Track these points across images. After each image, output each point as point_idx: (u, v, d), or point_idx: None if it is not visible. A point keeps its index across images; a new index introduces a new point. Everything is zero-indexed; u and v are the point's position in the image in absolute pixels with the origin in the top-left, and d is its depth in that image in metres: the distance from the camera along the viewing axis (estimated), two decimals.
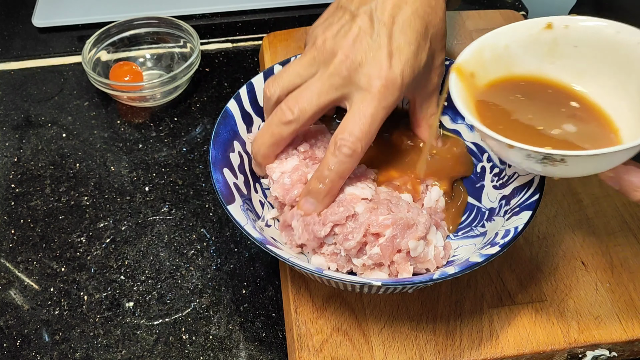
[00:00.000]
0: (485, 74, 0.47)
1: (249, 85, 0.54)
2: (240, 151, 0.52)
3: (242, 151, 0.53)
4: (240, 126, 0.53)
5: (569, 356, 0.48)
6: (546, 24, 0.47)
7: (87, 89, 0.74)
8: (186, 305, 0.55)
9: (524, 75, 0.48)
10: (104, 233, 0.60)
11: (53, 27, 0.82)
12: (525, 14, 0.81)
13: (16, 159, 0.67)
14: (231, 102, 0.53)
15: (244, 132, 0.53)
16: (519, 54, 0.47)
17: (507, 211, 0.47)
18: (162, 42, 0.76)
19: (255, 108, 0.54)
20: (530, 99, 0.47)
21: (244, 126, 0.53)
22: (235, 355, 0.51)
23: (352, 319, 0.49)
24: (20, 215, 0.61)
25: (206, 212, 0.61)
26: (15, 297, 0.55)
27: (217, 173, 0.48)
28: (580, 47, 0.46)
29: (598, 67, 0.46)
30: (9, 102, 0.73)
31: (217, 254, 0.58)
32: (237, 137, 0.52)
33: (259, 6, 0.84)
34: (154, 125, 0.70)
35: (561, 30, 0.46)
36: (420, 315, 0.49)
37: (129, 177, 0.65)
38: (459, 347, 0.47)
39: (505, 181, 0.50)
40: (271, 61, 0.70)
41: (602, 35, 0.45)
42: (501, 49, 0.47)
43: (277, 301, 0.55)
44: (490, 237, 0.46)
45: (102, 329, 0.53)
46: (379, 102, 0.44)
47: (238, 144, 0.52)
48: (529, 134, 0.44)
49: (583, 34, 0.46)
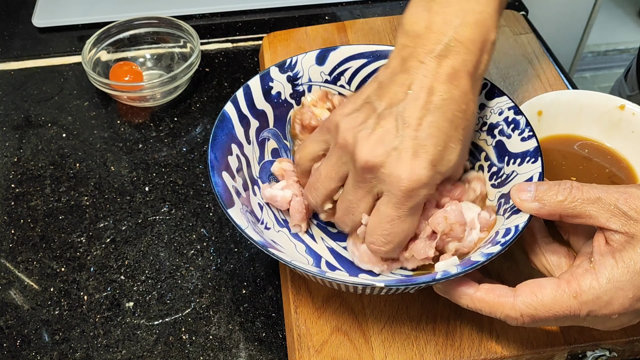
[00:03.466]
0: (553, 120, 0.56)
1: (245, 87, 0.54)
2: (238, 154, 0.52)
3: (240, 154, 0.52)
4: (238, 129, 0.53)
5: (569, 356, 0.48)
6: (620, 104, 0.56)
7: (87, 89, 0.74)
8: (186, 305, 0.55)
9: (584, 136, 0.58)
10: (104, 233, 0.60)
11: (53, 27, 0.82)
12: (525, 14, 0.81)
13: (16, 159, 0.67)
14: (228, 105, 0.53)
15: (242, 135, 0.53)
16: (588, 119, 0.57)
17: (506, 210, 0.47)
18: (162, 42, 0.76)
19: (252, 110, 0.54)
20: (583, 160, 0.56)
21: (241, 129, 0.53)
22: (235, 355, 0.51)
23: (352, 319, 0.49)
24: (20, 215, 0.61)
25: (206, 212, 0.61)
26: (15, 297, 0.55)
27: (216, 177, 0.48)
28: (636, 132, 0.55)
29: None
30: (9, 102, 0.73)
31: (217, 254, 0.58)
32: (235, 140, 0.52)
33: (259, 6, 0.84)
34: (154, 125, 0.70)
35: (628, 114, 0.55)
36: (420, 315, 0.49)
37: (129, 177, 0.65)
38: (459, 347, 0.47)
39: (503, 180, 0.50)
40: (271, 61, 0.70)
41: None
42: (576, 107, 0.57)
43: (277, 301, 0.55)
44: (490, 235, 0.46)
45: (102, 329, 0.53)
46: (402, 204, 0.44)
47: (236, 147, 0.52)
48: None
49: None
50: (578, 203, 0.41)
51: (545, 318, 0.41)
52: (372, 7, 0.86)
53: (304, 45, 0.72)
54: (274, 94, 0.56)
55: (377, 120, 0.45)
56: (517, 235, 0.43)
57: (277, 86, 0.56)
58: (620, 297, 0.39)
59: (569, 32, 1.48)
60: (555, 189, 0.42)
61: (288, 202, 0.52)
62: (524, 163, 0.49)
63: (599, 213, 0.41)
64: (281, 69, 0.56)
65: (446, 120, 0.45)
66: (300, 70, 0.56)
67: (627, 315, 0.40)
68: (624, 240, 0.40)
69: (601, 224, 0.41)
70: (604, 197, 0.41)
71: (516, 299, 0.41)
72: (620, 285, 0.39)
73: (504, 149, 0.51)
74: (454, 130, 0.45)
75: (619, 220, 0.40)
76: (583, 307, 0.40)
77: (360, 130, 0.45)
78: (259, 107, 0.55)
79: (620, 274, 0.39)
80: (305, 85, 0.57)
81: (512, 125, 0.51)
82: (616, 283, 0.39)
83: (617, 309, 0.40)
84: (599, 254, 0.41)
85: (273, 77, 0.56)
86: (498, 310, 0.42)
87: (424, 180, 0.44)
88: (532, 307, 0.41)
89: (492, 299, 0.42)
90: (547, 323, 0.42)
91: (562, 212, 0.42)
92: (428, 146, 0.44)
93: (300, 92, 0.57)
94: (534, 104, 0.55)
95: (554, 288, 0.41)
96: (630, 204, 0.40)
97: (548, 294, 0.41)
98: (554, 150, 0.57)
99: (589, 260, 0.41)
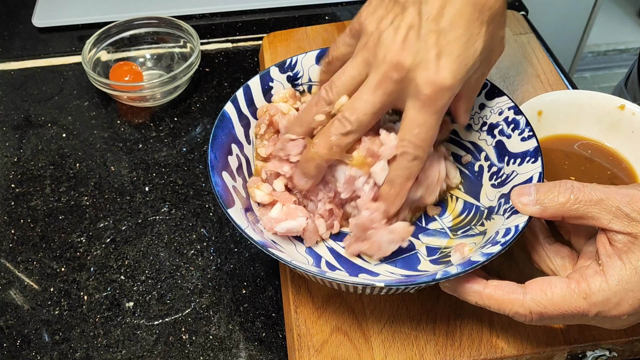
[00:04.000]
0: (553, 120, 0.56)
1: (245, 87, 0.54)
2: (238, 154, 0.52)
3: (240, 154, 0.52)
4: (238, 129, 0.53)
5: (569, 356, 0.48)
6: (620, 104, 0.56)
7: (87, 89, 0.74)
8: (186, 305, 0.55)
9: (584, 137, 0.58)
10: (104, 233, 0.60)
11: (53, 27, 0.82)
12: (525, 14, 0.81)
13: (16, 159, 0.67)
14: (228, 104, 0.53)
15: (242, 134, 0.53)
16: (588, 119, 0.57)
17: (506, 209, 0.47)
18: (162, 42, 0.76)
19: (252, 110, 0.54)
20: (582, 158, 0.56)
21: (241, 129, 0.53)
22: (235, 355, 0.51)
23: (352, 319, 0.49)
24: (20, 215, 0.61)
25: (206, 212, 0.61)
26: (15, 297, 0.55)
27: (216, 177, 0.48)
28: (636, 132, 0.55)
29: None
30: (9, 102, 0.73)
31: (217, 254, 0.58)
32: (235, 140, 0.52)
33: (259, 6, 0.84)
34: (154, 125, 0.70)
35: (628, 114, 0.56)
36: (420, 315, 0.49)
37: (129, 177, 0.65)
38: (459, 347, 0.47)
39: (503, 180, 0.50)
40: (271, 61, 0.70)
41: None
42: (576, 107, 0.57)
43: (277, 301, 0.54)
44: (490, 235, 0.46)
45: (102, 329, 0.53)
46: (429, 108, 0.44)
47: (236, 147, 0.52)
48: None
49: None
50: (580, 205, 0.41)
51: (553, 316, 0.41)
52: None
53: (304, 45, 0.72)
54: (274, 93, 0.56)
55: (400, 14, 0.44)
56: (517, 235, 0.43)
57: (277, 86, 0.56)
58: (629, 299, 0.39)
59: (569, 32, 1.49)
60: (556, 191, 0.42)
61: (304, 228, 0.50)
62: (524, 163, 0.49)
63: (602, 214, 0.41)
64: (281, 69, 0.56)
65: (469, 4, 0.43)
66: (301, 70, 0.56)
67: (635, 315, 0.41)
68: (627, 241, 0.40)
69: (604, 225, 0.41)
70: (606, 199, 0.41)
71: (525, 296, 0.41)
72: (630, 286, 0.39)
73: (504, 149, 0.51)
74: (478, 14, 0.44)
75: (621, 221, 0.40)
76: (592, 308, 0.40)
77: (384, 29, 0.45)
78: (258, 107, 0.55)
79: (629, 276, 0.39)
80: (305, 85, 0.57)
81: (512, 125, 0.51)
82: (625, 285, 0.39)
83: (627, 310, 0.40)
84: (606, 256, 0.41)
85: (273, 77, 0.56)
86: (507, 307, 0.42)
87: (448, 84, 0.43)
88: (542, 305, 0.41)
89: (501, 296, 0.42)
90: (554, 321, 0.42)
91: (565, 214, 0.42)
92: (452, 41, 0.43)
93: (300, 92, 0.57)
94: (534, 104, 0.55)
95: (564, 287, 0.41)
96: (633, 206, 0.40)
97: (558, 292, 0.41)
98: (554, 150, 0.57)
99: (596, 261, 0.41)
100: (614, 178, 0.55)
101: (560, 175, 0.54)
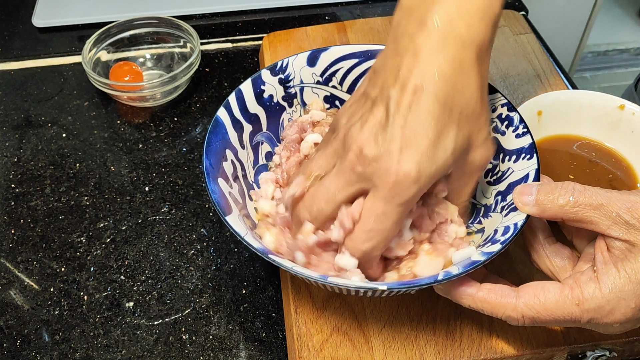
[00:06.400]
0: (553, 120, 0.57)
1: (237, 92, 0.53)
2: (232, 159, 0.52)
3: (235, 159, 0.52)
4: (232, 134, 0.52)
5: (569, 356, 0.48)
6: (620, 104, 0.56)
7: (87, 89, 0.74)
8: (186, 305, 0.55)
9: (584, 136, 0.58)
10: (104, 233, 0.60)
11: (53, 27, 0.82)
12: (525, 14, 0.81)
13: (16, 159, 0.67)
14: (221, 110, 0.52)
15: (235, 140, 0.53)
16: (588, 119, 0.57)
17: (504, 207, 0.47)
18: (162, 42, 0.76)
19: (245, 115, 0.54)
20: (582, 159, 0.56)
21: (235, 134, 0.53)
22: (235, 355, 0.51)
23: (352, 319, 0.49)
24: (20, 215, 0.61)
25: (206, 212, 0.61)
26: (15, 297, 0.55)
27: (212, 184, 0.47)
28: (636, 132, 0.55)
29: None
30: (9, 102, 0.73)
31: (217, 254, 0.58)
32: (229, 146, 0.52)
33: (259, 6, 0.84)
34: (154, 125, 0.70)
35: (628, 114, 0.56)
36: (420, 316, 0.49)
37: (129, 177, 0.65)
38: (459, 347, 0.47)
39: (499, 177, 0.50)
40: (271, 61, 0.70)
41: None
42: (576, 107, 0.57)
43: (277, 301, 0.55)
44: (489, 234, 0.46)
45: (102, 329, 0.53)
46: (390, 200, 0.42)
47: (230, 152, 0.52)
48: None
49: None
50: (580, 208, 0.41)
51: (546, 321, 0.41)
52: (372, 7, 0.86)
53: (304, 45, 0.72)
54: (266, 97, 0.55)
55: (369, 110, 0.44)
56: (516, 233, 0.43)
57: (269, 89, 0.55)
58: (622, 307, 0.39)
59: (569, 32, 1.48)
60: (557, 193, 0.42)
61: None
62: (519, 160, 0.49)
63: (600, 220, 0.41)
64: (272, 71, 0.55)
65: (437, 103, 0.42)
66: (292, 72, 0.56)
67: (629, 322, 0.40)
68: (624, 248, 0.40)
69: (602, 230, 0.41)
70: (606, 204, 0.40)
71: (518, 300, 0.41)
72: (623, 295, 0.39)
73: (499, 146, 0.51)
74: (448, 113, 0.42)
75: (620, 228, 0.40)
76: (585, 314, 0.40)
77: (353, 122, 0.44)
78: (251, 111, 0.54)
79: (623, 284, 0.39)
80: (297, 87, 0.57)
81: (506, 122, 0.51)
82: (618, 293, 0.39)
83: (619, 318, 0.40)
84: (602, 263, 0.41)
85: (264, 80, 0.55)
86: (500, 310, 0.42)
87: (412, 175, 0.41)
88: (534, 310, 0.41)
89: (494, 300, 0.42)
90: (547, 325, 0.42)
91: (564, 217, 0.42)
92: (418, 135, 0.42)
93: (292, 94, 0.57)
94: (533, 104, 0.55)
95: (557, 293, 0.41)
96: (633, 213, 0.40)
97: (551, 298, 0.41)
98: (554, 150, 0.57)
99: (592, 267, 0.41)
100: (614, 179, 0.55)
101: (559, 176, 0.54)
